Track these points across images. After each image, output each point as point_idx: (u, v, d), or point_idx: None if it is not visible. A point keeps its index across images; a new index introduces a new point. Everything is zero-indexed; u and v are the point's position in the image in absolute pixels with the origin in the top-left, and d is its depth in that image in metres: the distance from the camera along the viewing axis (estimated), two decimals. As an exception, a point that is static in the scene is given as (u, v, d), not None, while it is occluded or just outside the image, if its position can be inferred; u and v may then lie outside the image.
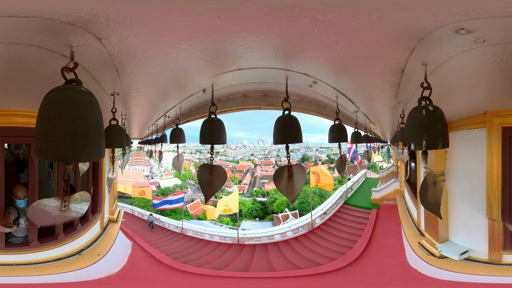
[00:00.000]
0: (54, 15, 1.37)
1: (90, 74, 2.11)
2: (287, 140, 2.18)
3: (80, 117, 1.23)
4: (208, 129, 2.42)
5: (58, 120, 1.20)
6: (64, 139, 1.19)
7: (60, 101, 1.23)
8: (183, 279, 6.46)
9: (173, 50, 1.92)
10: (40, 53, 1.74)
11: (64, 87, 1.30)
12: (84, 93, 1.30)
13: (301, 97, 3.86)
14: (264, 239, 11.64)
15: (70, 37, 1.57)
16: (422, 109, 1.71)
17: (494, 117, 3.62)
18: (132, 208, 19.04)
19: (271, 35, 1.72)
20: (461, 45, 1.72)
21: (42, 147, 1.21)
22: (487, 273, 3.79)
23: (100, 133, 1.31)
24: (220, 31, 1.68)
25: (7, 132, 3.56)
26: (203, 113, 4.17)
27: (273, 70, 2.41)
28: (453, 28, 1.51)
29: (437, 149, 1.65)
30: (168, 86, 2.94)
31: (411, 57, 1.95)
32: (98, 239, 5.41)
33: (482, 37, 1.60)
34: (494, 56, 1.83)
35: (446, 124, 1.70)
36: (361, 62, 2.21)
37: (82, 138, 1.22)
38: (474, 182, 3.96)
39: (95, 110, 1.31)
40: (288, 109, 2.20)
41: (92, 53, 1.79)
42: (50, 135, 1.19)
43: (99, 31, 1.55)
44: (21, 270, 3.82)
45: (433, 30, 1.56)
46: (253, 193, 47.30)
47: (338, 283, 6.11)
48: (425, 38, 1.66)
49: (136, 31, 1.60)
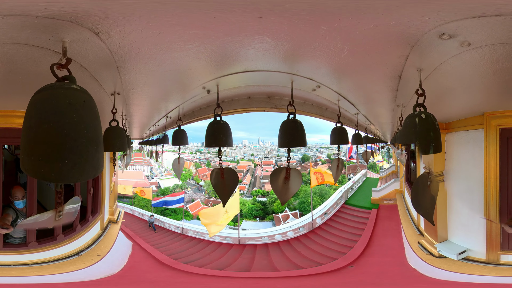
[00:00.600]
0: (25, 11, 1.22)
1: (88, 72, 1.99)
2: (292, 144, 2.21)
3: (69, 124, 0.97)
4: (214, 132, 2.37)
5: (40, 129, 0.95)
6: (47, 154, 0.94)
7: (44, 104, 0.99)
8: (185, 280, 6.48)
9: (183, 48, 1.78)
10: (30, 51, 1.60)
11: (51, 85, 1.06)
12: (75, 92, 1.05)
13: (304, 100, 3.88)
14: (265, 239, 11.66)
15: (59, 33, 1.41)
16: (415, 117, 1.79)
17: (492, 118, 3.64)
18: (132, 209, 19.07)
19: (287, 39, 1.73)
20: (449, 50, 1.77)
21: (24, 161, 0.97)
22: (485, 273, 3.81)
23: (97, 143, 1.04)
24: (241, 31, 1.60)
25: (5, 133, 3.60)
26: (206, 114, 4.13)
27: (279, 73, 2.43)
28: (436, 34, 1.55)
29: (428, 154, 1.72)
30: (171, 86, 2.86)
31: (406, 64, 2.00)
32: (98, 239, 5.43)
33: (466, 40, 1.62)
34: (484, 59, 1.85)
35: (438, 131, 1.77)
36: (362, 69, 2.28)
37: (71, 151, 0.95)
38: (472, 183, 3.98)
39: (90, 113, 1.05)
40: (293, 113, 2.25)
41: (89, 48, 1.63)
42: (32, 147, 0.95)
43: (94, 25, 1.39)
44: (18, 271, 3.83)
45: (420, 37, 1.61)
46: (254, 193, 47.27)
47: (339, 283, 6.12)
48: (416, 46, 1.72)
49: (144, 24, 1.45)
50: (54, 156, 0.94)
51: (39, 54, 1.65)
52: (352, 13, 1.40)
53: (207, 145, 2.42)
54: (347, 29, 1.56)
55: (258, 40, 1.74)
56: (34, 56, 1.67)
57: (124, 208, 14.16)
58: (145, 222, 16.62)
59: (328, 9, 1.37)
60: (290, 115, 2.25)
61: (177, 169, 4.85)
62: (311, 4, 1.33)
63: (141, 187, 23.41)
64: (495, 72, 2.04)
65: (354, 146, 14.17)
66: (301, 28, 1.57)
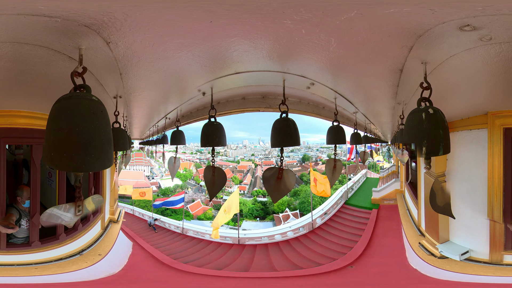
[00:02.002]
0: (78, 17, 1.38)
1: (94, 77, 2.13)
2: (284, 143, 2.18)
3: (94, 129, 1.24)
4: (208, 133, 2.52)
5: (73, 131, 1.20)
6: (79, 150, 1.20)
7: (74, 111, 1.24)
8: (184, 279, 6.47)
9: (174, 56, 1.95)
10: (47, 54, 1.74)
11: (77, 95, 1.31)
12: (96, 103, 1.32)
13: (299, 99, 3.87)
14: (264, 239, 11.65)
15: (80, 40, 1.58)
16: (421, 112, 1.61)
17: (496, 117, 3.60)
18: (133, 209, 19.07)
19: (262, 38, 1.72)
20: (465, 42, 1.62)
21: (55, 158, 1.20)
22: (488, 273, 3.79)
23: (110, 142, 1.34)
24: (215, 36, 1.69)
25: (8, 133, 3.56)
26: (203, 115, 4.22)
27: (270, 73, 2.42)
28: (457, 25, 1.42)
29: (437, 155, 1.54)
30: (169, 89, 2.98)
31: (409, 56, 1.87)
32: (99, 239, 5.42)
33: (488, 34, 1.50)
34: (499, 55, 1.74)
35: (447, 128, 1.60)
36: (357, 62, 2.17)
37: (96, 148, 1.24)
38: (475, 184, 3.95)
39: (106, 120, 1.33)
40: (285, 112, 2.21)
41: (99, 56, 1.80)
42: (64, 146, 1.19)
43: (109, 35, 1.58)
44: (22, 270, 3.83)
45: (433, 26, 1.47)
46: (254, 193, 47.29)
47: (339, 283, 6.11)
48: (424, 36, 1.57)
49: (142, 36, 1.63)
50: (84, 152, 1.21)
51: (54, 58, 1.78)
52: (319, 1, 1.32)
53: (202, 145, 2.57)
54: (319, 20, 1.47)
55: (235, 42, 1.78)
56: (49, 59, 1.80)
57: (124, 208, 14.15)
58: (145, 222, 16.61)
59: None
60: (283, 115, 2.21)
61: (172, 169, 4.89)
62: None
63: (141, 187, 23.39)
64: (507, 70, 1.94)
65: (354, 146, 14.09)
66: (268, 25, 1.54)
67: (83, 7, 1.32)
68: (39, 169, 4.03)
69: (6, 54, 1.72)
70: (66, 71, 1.73)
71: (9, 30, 1.47)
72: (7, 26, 1.43)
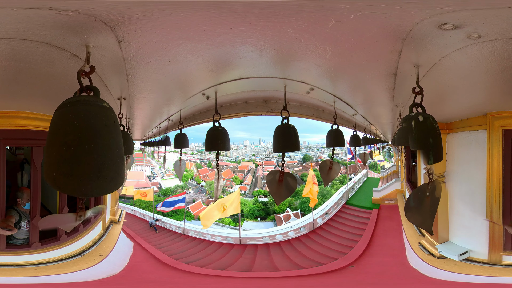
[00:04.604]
0: (95, 11, 1.20)
1: (99, 77, 2.03)
2: (285, 148, 2.28)
3: (107, 146, 1.03)
4: (213, 138, 2.59)
5: (82, 149, 0.98)
6: (91, 174, 0.98)
7: (83, 122, 1.01)
8: (186, 279, 6.49)
9: (184, 60, 1.93)
10: (49, 51, 1.56)
11: (85, 100, 1.08)
12: (108, 112, 1.10)
13: (299, 103, 3.92)
14: (266, 239, 11.66)
15: (89, 37, 1.39)
16: (411, 119, 1.58)
17: (495, 119, 3.58)
18: (134, 209, 19.08)
19: (269, 46, 1.77)
20: (452, 42, 1.56)
21: (59, 180, 0.98)
22: (487, 273, 3.80)
23: (123, 157, 1.12)
24: (228, 43, 1.71)
25: (8, 134, 3.51)
26: (206, 118, 4.28)
27: (272, 78, 2.50)
28: (434, 24, 1.35)
29: (428, 164, 1.51)
30: (174, 92, 3.02)
31: (400, 60, 1.85)
32: (100, 240, 5.44)
33: (476, 32, 1.41)
34: (494, 54, 1.66)
35: (438, 136, 1.57)
36: (353, 68, 2.23)
37: (109, 169, 1.02)
38: (474, 185, 3.95)
39: (118, 131, 1.12)
40: (286, 118, 2.31)
41: (106, 55, 1.67)
42: (71, 167, 0.97)
43: (124, 34, 1.44)
44: (21, 271, 3.82)
45: (411, 28, 1.42)
46: (255, 194, 47.24)
47: (340, 283, 6.13)
48: (408, 38, 1.53)
49: (160, 37, 1.51)
50: (96, 175, 0.99)
51: (57, 55, 1.62)
52: (311, 11, 1.33)
53: (206, 149, 2.66)
54: (312, 28, 1.47)
55: (244, 50, 1.82)
56: (51, 57, 1.64)
57: (125, 208, 14.17)
58: (146, 222, 16.63)
59: (283, 11, 1.33)
60: (284, 120, 2.33)
61: (179, 171, 4.95)
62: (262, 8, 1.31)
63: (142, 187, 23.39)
64: (504, 69, 1.86)
65: (353, 148, 14.01)
66: (275, 33, 1.57)
67: (114, 2, 1.17)
68: (39, 170, 4.01)
69: (2, 51, 1.54)
70: (70, 70, 1.70)
71: (3, 25, 1.29)
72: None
